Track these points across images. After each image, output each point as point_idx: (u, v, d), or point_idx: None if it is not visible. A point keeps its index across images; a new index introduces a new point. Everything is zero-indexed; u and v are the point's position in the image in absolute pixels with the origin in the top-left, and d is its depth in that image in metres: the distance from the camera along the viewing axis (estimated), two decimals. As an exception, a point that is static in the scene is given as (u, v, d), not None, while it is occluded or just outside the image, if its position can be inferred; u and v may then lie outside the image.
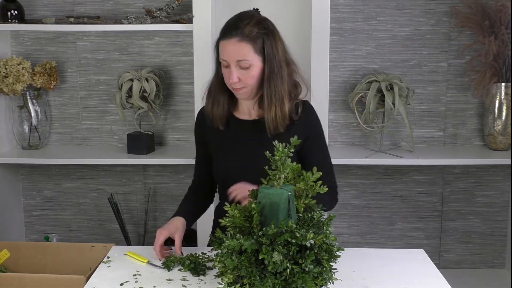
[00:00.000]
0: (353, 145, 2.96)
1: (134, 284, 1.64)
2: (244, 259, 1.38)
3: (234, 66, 1.78)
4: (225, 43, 1.79)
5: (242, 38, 1.77)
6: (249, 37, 1.77)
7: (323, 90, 2.60)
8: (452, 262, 3.04)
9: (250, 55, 1.78)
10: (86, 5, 2.90)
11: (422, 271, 1.73)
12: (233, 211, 1.45)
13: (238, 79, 1.79)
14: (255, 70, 1.80)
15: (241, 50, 1.77)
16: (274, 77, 1.81)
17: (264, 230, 1.39)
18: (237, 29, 1.78)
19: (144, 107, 2.78)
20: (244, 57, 1.77)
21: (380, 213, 3.02)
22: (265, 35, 1.80)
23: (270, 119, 1.84)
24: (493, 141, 2.80)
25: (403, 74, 2.87)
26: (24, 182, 3.09)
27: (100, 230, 3.12)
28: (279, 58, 1.82)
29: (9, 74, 2.73)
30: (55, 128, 3.04)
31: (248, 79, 1.80)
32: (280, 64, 1.83)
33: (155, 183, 3.05)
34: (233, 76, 1.78)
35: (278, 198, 1.44)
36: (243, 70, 1.79)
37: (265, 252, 1.36)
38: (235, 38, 1.77)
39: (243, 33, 1.77)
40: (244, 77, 1.79)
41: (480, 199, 2.99)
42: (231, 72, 1.79)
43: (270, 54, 1.80)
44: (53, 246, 2.15)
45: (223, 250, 1.40)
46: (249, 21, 1.80)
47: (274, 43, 1.82)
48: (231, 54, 1.78)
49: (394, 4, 2.84)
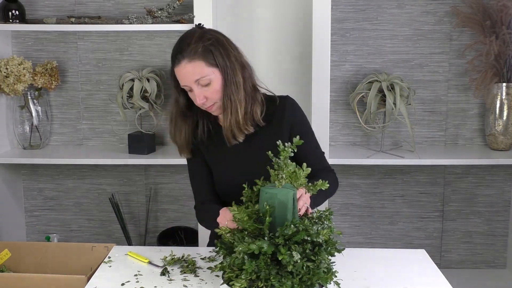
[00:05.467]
0: (354, 145, 2.96)
1: (135, 284, 1.64)
2: (261, 261, 1.37)
3: (195, 87, 1.76)
4: (178, 70, 1.76)
5: (190, 58, 1.74)
6: (197, 54, 1.74)
7: (324, 90, 2.60)
8: (453, 262, 3.04)
9: (205, 71, 1.75)
10: (87, 5, 2.90)
11: (423, 271, 1.73)
12: (241, 214, 1.44)
13: (205, 98, 1.77)
14: (216, 83, 1.76)
15: (194, 69, 1.74)
16: (228, 86, 1.77)
17: (280, 230, 1.39)
18: (182, 52, 1.75)
19: (145, 107, 2.78)
20: (200, 75, 1.74)
21: (381, 213, 3.02)
22: (211, 46, 1.76)
23: (226, 128, 1.83)
24: (494, 141, 2.80)
25: (404, 74, 2.87)
26: (25, 182, 3.09)
27: (101, 230, 3.12)
28: (232, 65, 1.78)
29: (10, 74, 2.73)
30: (56, 128, 3.04)
31: (213, 94, 1.77)
32: (234, 70, 1.79)
33: (156, 183, 3.05)
34: (199, 97, 1.76)
35: (285, 197, 1.44)
36: (205, 87, 1.76)
37: (284, 253, 1.36)
38: (184, 60, 1.74)
39: (189, 52, 1.74)
40: (209, 93, 1.77)
41: (481, 199, 2.99)
42: (195, 94, 1.77)
43: (222, 63, 1.76)
44: (54, 246, 2.15)
45: (238, 254, 1.38)
46: (191, 39, 1.77)
47: (223, 51, 1.78)
48: (187, 77, 1.75)
49: (395, 4, 2.84)
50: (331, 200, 2.97)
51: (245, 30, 2.88)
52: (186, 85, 1.77)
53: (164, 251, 1.88)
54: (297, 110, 1.93)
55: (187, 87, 1.77)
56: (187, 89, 1.79)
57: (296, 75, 2.90)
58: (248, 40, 2.88)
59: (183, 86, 1.78)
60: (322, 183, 1.55)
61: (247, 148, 1.89)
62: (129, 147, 2.85)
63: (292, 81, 2.89)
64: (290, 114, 1.90)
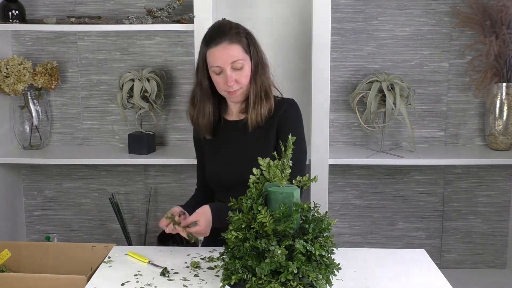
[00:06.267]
0: (354, 145, 2.96)
1: (135, 284, 1.64)
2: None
3: (228, 69, 1.85)
4: (216, 50, 1.84)
5: (231, 41, 1.84)
6: (237, 39, 1.85)
7: (324, 90, 2.59)
8: (453, 262, 3.04)
9: (242, 55, 1.86)
10: (87, 5, 2.90)
11: (423, 271, 1.73)
12: (266, 218, 1.44)
13: (235, 81, 1.86)
14: (247, 69, 1.87)
15: (233, 51, 1.84)
16: (260, 74, 1.89)
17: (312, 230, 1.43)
18: (223, 34, 1.85)
19: (145, 107, 2.78)
20: (237, 57, 1.84)
21: (381, 213, 3.02)
22: (248, 35, 1.90)
23: (254, 116, 1.90)
24: (494, 141, 2.80)
25: (404, 74, 2.87)
26: (25, 182, 3.09)
27: (101, 230, 3.12)
28: (262, 56, 1.92)
29: (10, 74, 2.73)
30: (56, 128, 3.04)
31: (242, 78, 1.87)
32: (263, 61, 1.92)
33: (156, 183, 3.05)
34: (231, 78, 1.84)
35: (298, 196, 1.47)
36: (237, 71, 1.85)
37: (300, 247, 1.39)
38: (224, 42, 1.84)
39: (231, 36, 1.85)
40: (239, 77, 1.86)
41: (481, 199, 2.99)
42: (227, 76, 1.84)
43: (254, 52, 1.89)
44: (54, 246, 2.15)
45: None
46: (231, 26, 1.88)
47: (256, 42, 1.92)
48: (225, 58, 1.84)
49: (395, 4, 2.84)
50: (331, 200, 2.97)
51: (245, 30, 2.87)
52: (220, 65, 1.84)
53: (164, 251, 1.89)
54: (290, 110, 1.97)
55: (219, 68, 1.85)
56: (217, 71, 1.86)
57: (296, 75, 2.90)
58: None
59: (216, 66, 1.85)
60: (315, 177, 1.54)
61: (243, 145, 1.95)
62: (129, 147, 2.85)
63: (292, 81, 2.89)
64: (282, 111, 1.95)
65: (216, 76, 1.87)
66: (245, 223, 1.46)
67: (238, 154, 1.95)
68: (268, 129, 1.94)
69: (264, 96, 1.90)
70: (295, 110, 1.98)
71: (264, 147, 1.90)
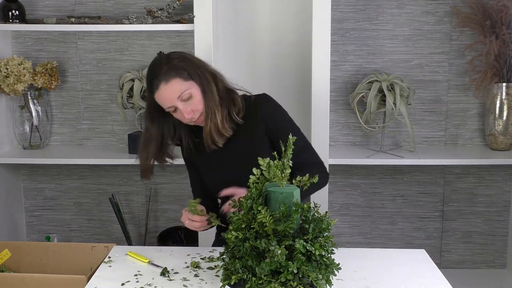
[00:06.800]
0: (354, 145, 2.96)
1: (135, 284, 1.64)
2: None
3: (179, 104, 1.83)
4: (159, 94, 1.83)
5: (166, 79, 1.81)
6: (172, 74, 1.82)
7: (324, 90, 2.59)
8: (453, 262, 3.04)
9: (184, 85, 1.82)
10: (87, 5, 2.90)
11: (423, 271, 1.73)
12: (266, 218, 1.44)
13: (192, 112, 1.84)
14: (197, 95, 1.84)
15: (173, 88, 1.81)
16: (207, 94, 1.85)
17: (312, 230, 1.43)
18: (157, 76, 1.82)
19: (145, 107, 2.78)
20: (180, 91, 1.82)
21: (381, 213, 3.02)
22: (180, 62, 1.85)
23: (206, 135, 1.88)
24: (494, 141, 2.80)
25: (404, 74, 2.87)
26: (25, 182, 3.09)
27: (101, 230, 3.12)
28: (203, 75, 1.87)
29: (10, 74, 2.73)
30: (56, 128, 3.04)
31: (197, 105, 1.84)
32: (207, 79, 1.87)
33: (156, 183, 3.05)
34: (186, 112, 1.83)
35: (298, 195, 1.46)
36: (188, 101, 1.83)
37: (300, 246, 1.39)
38: (162, 83, 1.81)
39: (164, 74, 1.81)
40: (193, 106, 1.84)
41: (481, 199, 2.99)
42: (181, 110, 1.83)
43: (195, 75, 1.85)
44: (54, 246, 2.15)
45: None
46: (160, 64, 1.84)
47: (191, 64, 1.87)
48: (169, 97, 1.82)
49: (395, 4, 2.84)
50: (331, 200, 2.97)
51: (245, 30, 2.87)
52: (170, 106, 1.84)
53: (164, 251, 1.89)
54: (268, 105, 1.96)
55: (172, 108, 1.84)
56: (171, 110, 1.85)
57: (296, 75, 2.90)
58: (248, 40, 2.88)
59: (168, 108, 1.85)
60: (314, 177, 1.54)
61: (228, 151, 1.94)
62: (129, 147, 2.85)
63: (292, 81, 2.89)
64: (262, 110, 1.94)
65: (174, 113, 1.87)
66: (245, 223, 1.46)
67: (233, 163, 1.93)
68: (252, 129, 1.92)
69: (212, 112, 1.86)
70: (274, 104, 1.97)
71: (256, 151, 1.87)
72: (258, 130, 1.91)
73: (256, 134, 1.91)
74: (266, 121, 1.92)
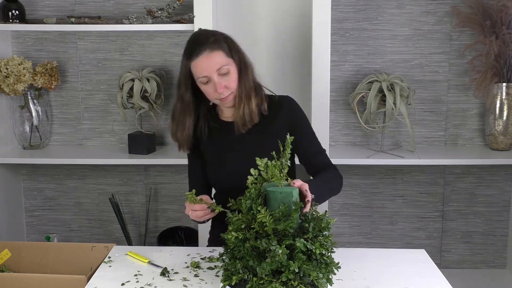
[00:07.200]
0: (354, 145, 2.96)
1: (135, 284, 1.64)
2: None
3: (215, 76, 1.84)
4: (199, 61, 1.84)
5: (211, 48, 1.83)
6: (217, 45, 1.84)
7: (324, 90, 2.59)
8: (453, 262, 3.04)
9: (225, 60, 1.85)
10: (87, 5, 2.90)
11: (423, 271, 1.73)
12: (266, 217, 1.43)
13: (225, 87, 1.85)
14: (234, 73, 1.86)
15: (216, 58, 1.83)
16: (243, 76, 1.89)
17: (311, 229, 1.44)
18: (203, 44, 1.84)
19: (145, 107, 2.78)
20: (221, 63, 1.84)
21: (381, 213, 3.02)
22: (226, 39, 1.89)
23: (239, 117, 1.90)
24: (494, 141, 2.80)
25: (404, 74, 2.87)
26: (25, 182, 3.09)
27: (101, 230, 3.12)
28: (244, 58, 1.92)
29: (10, 74, 2.73)
30: (56, 128, 3.04)
31: (231, 83, 1.86)
32: (247, 62, 1.92)
33: (156, 183, 3.05)
34: (220, 86, 1.84)
35: (297, 195, 1.48)
36: (224, 77, 1.85)
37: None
38: (206, 51, 1.83)
39: (210, 44, 1.84)
40: (228, 82, 1.85)
41: (481, 199, 2.99)
42: (215, 83, 1.84)
43: (237, 55, 1.89)
44: (54, 246, 2.15)
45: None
46: (207, 34, 1.88)
47: (235, 45, 1.91)
48: (209, 66, 1.83)
49: (395, 4, 2.84)
50: (331, 200, 2.97)
51: (245, 30, 2.87)
52: (206, 75, 1.84)
53: (164, 251, 1.89)
54: (296, 109, 1.99)
55: (206, 78, 1.84)
56: (205, 81, 1.85)
57: (296, 75, 2.90)
58: (248, 40, 2.87)
59: (203, 76, 1.85)
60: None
61: (245, 146, 1.94)
62: (129, 147, 2.85)
63: (292, 81, 2.89)
64: (289, 113, 1.96)
65: (205, 86, 1.87)
66: (244, 223, 1.46)
67: (244, 154, 1.93)
68: (275, 130, 1.92)
69: (246, 97, 1.89)
70: (300, 108, 2.00)
71: (272, 146, 1.88)
72: (280, 128, 1.92)
73: (277, 132, 1.91)
74: (292, 122, 1.95)
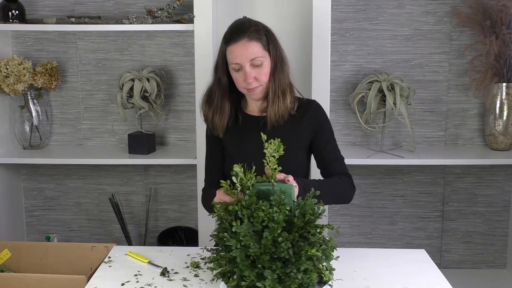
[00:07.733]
0: (354, 145, 2.96)
1: (135, 284, 1.64)
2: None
3: (248, 66, 1.84)
4: (235, 47, 1.84)
5: (250, 38, 1.84)
6: (256, 36, 1.85)
7: (324, 90, 2.59)
8: (453, 262, 3.04)
9: (261, 52, 1.85)
10: (87, 5, 2.90)
11: (423, 271, 1.73)
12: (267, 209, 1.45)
13: (254, 79, 1.85)
14: (267, 66, 1.86)
15: (252, 48, 1.84)
16: (278, 72, 1.88)
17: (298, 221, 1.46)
18: (243, 31, 1.84)
19: (145, 107, 2.78)
20: (256, 55, 1.84)
21: (381, 213, 3.02)
22: (267, 32, 1.90)
23: (273, 113, 1.90)
24: (494, 141, 2.80)
25: (404, 74, 2.87)
26: (25, 182, 3.09)
27: (101, 230, 3.12)
28: (281, 54, 1.92)
29: (10, 74, 2.73)
30: (56, 128, 3.04)
31: (262, 76, 1.86)
32: (283, 59, 1.92)
33: (156, 183, 3.05)
34: (250, 76, 1.84)
35: (294, 192, 1.53)
36: (256, 68, 1.85)
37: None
38: (244, 39, 1.83)
39: (250, 33, 1.84)
40: (258, 74, 1.85)
41: (481, 199, 2.99)
42: (246, 73, 1.84)
43: (274, 50, 1.89)
44: (54, 246, 2.15)
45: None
46: (250, 24, 1.88)
47: (275, 39, 1.92)
48: (244, 55, 1.83)
49: (395, 4, 2.84)
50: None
51: (245, 30, 2.87)
52: (239, 62, 1.84)
53: (164, 251, 1.89)
54: (322, 115, 2.00)
55: (238, 65, 1.85)
56: (237, 68, 1.86)
57: (296, 75, 2.89)
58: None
59: (235, 63, 1.85)
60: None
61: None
62: (129, 147, 2.85)
63: (292, 81, 2.89)
64: (315, 117, 1.97)
65: (236, 73, 1.87)
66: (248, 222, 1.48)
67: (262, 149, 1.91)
68: (298, 128, 1.94)
69: (282, 94, 1.89)
70: (324, 112, 2.01)
71: (294, 145, 1.89)
72: (305, 129, 1.93)
73: (302, 132, 1.93)
74: (316, 126, 1.95)
